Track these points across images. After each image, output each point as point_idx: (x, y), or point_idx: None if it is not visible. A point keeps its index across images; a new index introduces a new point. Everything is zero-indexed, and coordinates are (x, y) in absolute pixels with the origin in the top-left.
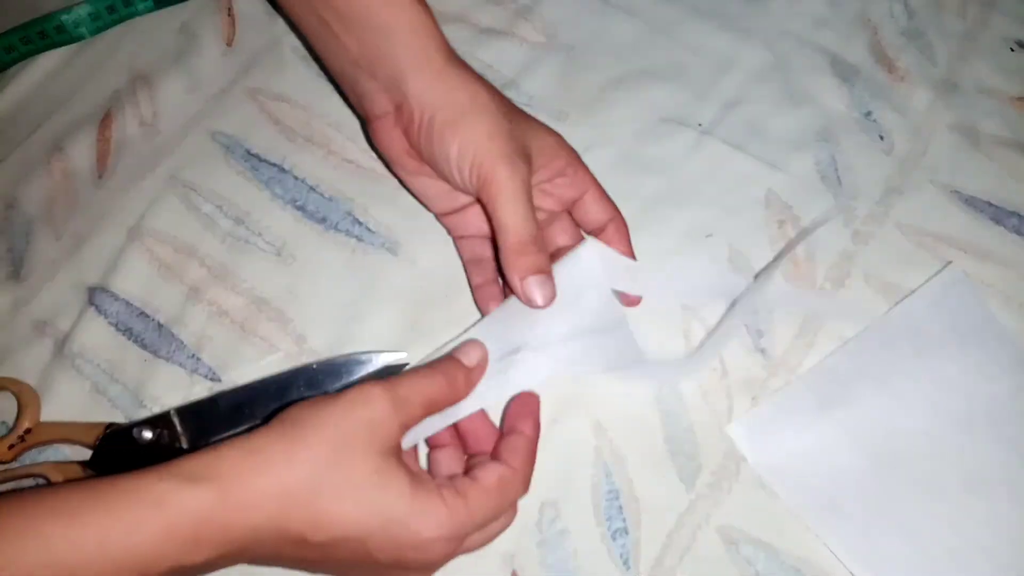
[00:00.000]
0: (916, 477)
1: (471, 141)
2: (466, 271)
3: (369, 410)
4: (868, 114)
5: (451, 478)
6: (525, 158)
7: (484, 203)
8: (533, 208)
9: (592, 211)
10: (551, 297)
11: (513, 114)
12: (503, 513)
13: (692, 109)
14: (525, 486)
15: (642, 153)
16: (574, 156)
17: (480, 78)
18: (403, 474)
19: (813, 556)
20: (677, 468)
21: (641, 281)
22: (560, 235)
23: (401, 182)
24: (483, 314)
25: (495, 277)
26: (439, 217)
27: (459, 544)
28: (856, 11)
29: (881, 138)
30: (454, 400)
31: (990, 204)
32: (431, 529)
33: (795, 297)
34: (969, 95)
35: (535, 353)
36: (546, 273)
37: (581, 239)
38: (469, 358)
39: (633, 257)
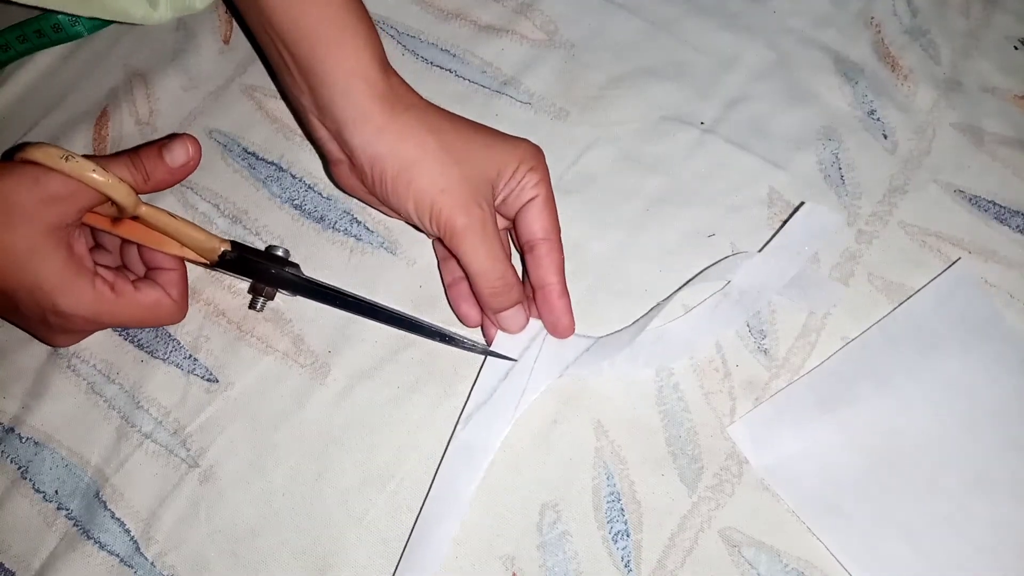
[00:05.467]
0: (918, 478)
1: (425, 196)
2: (439, 269)
3: (42, 190)
4: (871, 113)
5: (119, 273)
6: (484, 195)
7: (450, 249)
8: (499, 245)
9: (532, 220)
10: (524, 325)
11: (468, 146)
12: (150, 325)
13: (694, 107)
14: (178, 317)
15: (643, 152)
16: (536, 161)
17: (428, 118)
18: (60, 253)
19: (816, 559)
20: (679, 470)
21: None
22: None
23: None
24: (455, 311)
25: (464, 275)
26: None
27: (98, 325)
28: (859, 9)
29: (885, 137)
30: (143, 188)
31: (994, 203)
32: (71, 305)
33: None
34: (973, 94)
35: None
36: (518, 304)
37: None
38: (173, 156)
39: (562, 287)
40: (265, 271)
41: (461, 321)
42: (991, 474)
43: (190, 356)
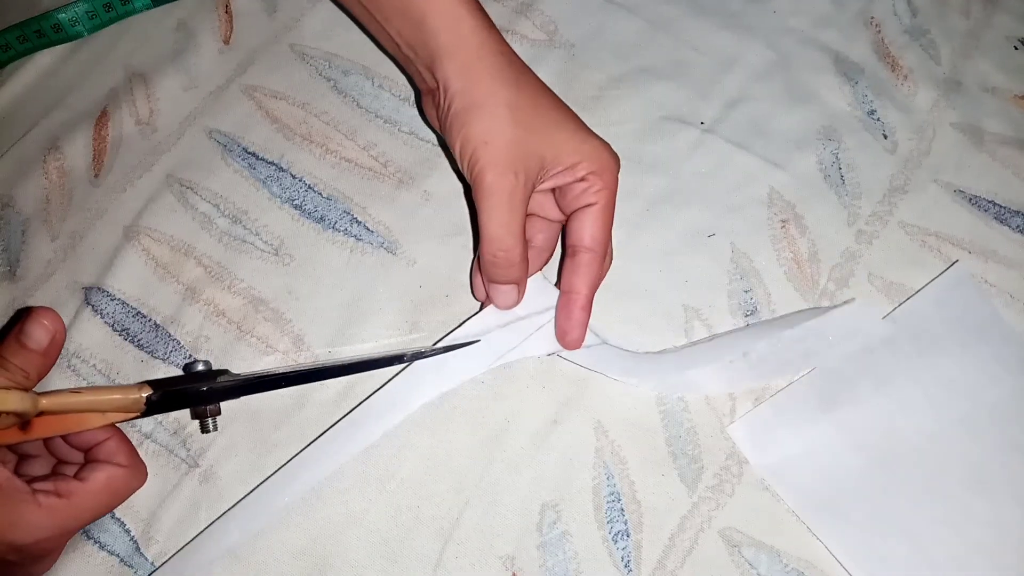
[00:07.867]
0: (918, 478)
1: (471, 141)
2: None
3: None
4: (871, 113)
5: (57, 476)
6: (527, 167)
7: (474, 201)
8: (518, 218)
9: (583, 226)
10: (511, 305)
11: (536, 116)
12: (116, 505)
13: (694, 107)
14: (139, 480)
15: (643, 152)
16: (604, 166)
17: (511, 72)
18: None
19: (816, 559)
20: (679, 470)
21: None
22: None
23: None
24: (472, 279)
25: None
26: None
27: (65, 537)
28: (859, 9)
29: (885, 137)
30: (29, 385)
31: (994, 203)
32: (27, 535)
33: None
34: (973, 94)
35: (473, 345)
36: (514, 284)
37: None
38: (34, 340)
39: (587, 300)
40: (197, 394)
41: (472, 291)
42: (991, 474)
43: (190, 356)
